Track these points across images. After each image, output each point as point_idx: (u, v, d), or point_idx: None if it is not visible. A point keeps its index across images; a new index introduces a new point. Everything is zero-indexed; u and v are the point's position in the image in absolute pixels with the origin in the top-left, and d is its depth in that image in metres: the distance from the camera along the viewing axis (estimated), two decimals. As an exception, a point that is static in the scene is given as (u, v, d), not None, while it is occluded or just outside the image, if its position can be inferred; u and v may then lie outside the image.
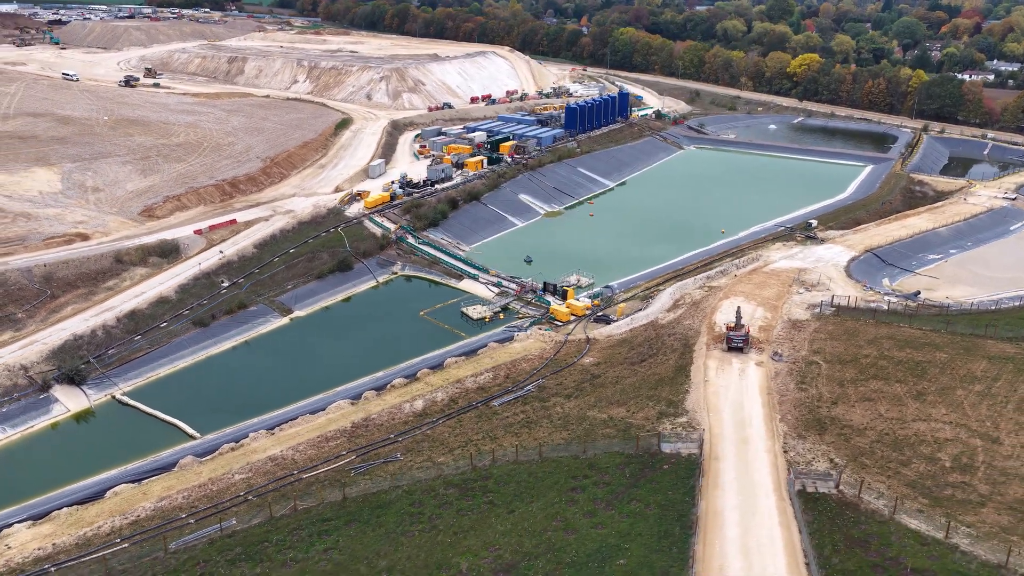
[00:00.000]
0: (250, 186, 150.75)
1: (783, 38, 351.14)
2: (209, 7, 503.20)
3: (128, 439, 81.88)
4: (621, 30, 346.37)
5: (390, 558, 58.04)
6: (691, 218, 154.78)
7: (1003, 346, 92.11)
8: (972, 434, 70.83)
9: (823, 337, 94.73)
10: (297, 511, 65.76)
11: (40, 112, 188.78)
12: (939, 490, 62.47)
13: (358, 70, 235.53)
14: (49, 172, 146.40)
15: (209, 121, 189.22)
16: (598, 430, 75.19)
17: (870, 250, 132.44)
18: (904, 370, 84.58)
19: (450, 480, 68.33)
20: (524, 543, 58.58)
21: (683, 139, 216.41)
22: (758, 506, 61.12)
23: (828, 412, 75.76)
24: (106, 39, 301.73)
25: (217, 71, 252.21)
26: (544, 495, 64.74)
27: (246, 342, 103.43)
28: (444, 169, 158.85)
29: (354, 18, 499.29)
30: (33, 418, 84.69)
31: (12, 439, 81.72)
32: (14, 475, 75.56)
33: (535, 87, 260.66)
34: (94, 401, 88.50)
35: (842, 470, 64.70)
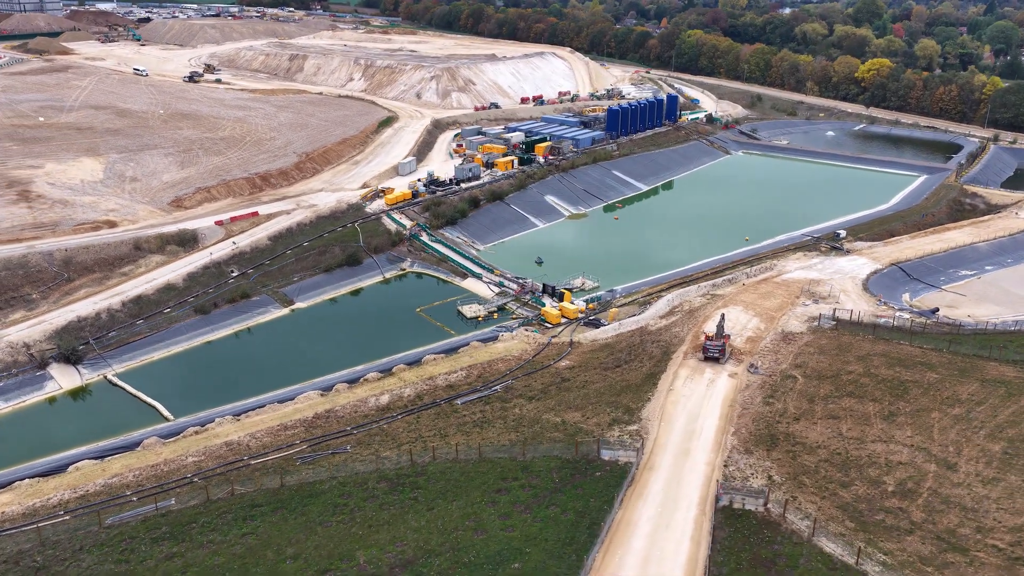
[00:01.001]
0: (281, 180, 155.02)
1: (863, 42, 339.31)
2: (294, 6, 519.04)
3: (108, 417, 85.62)
4: (688, 32, 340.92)
5: (300, 546, 59.15)
6: (717, 224, 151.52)
7: (1004, 369, 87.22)
8: (929, 459, 67.43)
9: (812, 351, 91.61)
10: (233, 495, 67.58)
11: (103, 105, 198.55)
12: (870, 514, 59.77)
13: (411, 69, 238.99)
14: (95, 162, 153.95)
15: (258, 116, 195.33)
16: (547, 433, 74.72)
17: (896, 263, 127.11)
18: (885, 389, 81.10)
19: (385, 474, 69.06)
20: (431, 540, 58.84)
21: (731, 144, 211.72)
22: (674, 519, 59.78)
23: (786, 428, 73.33)
24: (183, 36, 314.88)
25: (278, 68, 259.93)
26: (468, 495, 64.81)
27: (243, 331, 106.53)
28: (472, 168, 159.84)
29: (432, 18, 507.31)
30: (26, 393, 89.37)
31: (3, 412, 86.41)
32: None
33: (590, 88, 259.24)
34: (86, 380, 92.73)
35: (768, 489, 62.53)
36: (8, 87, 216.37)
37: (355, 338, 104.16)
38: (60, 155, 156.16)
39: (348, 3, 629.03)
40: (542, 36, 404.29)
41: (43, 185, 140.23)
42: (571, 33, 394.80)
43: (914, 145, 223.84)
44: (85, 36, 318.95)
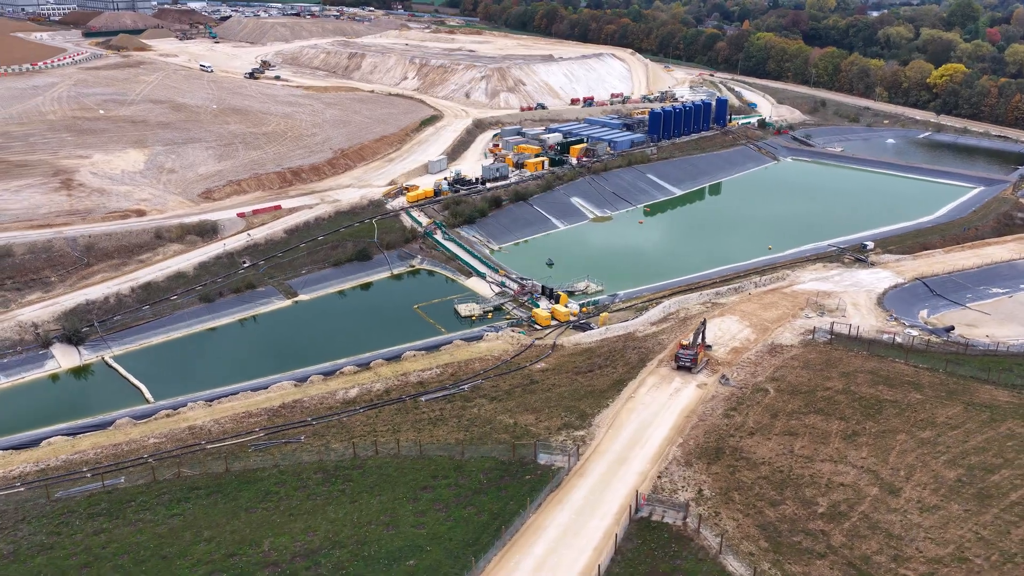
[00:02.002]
0: (312, 175, 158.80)
1: (948, 47, 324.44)
2: (375, 6, 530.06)
3: (94, 396, 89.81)
4: (757, 35, 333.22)
5: (218, 530, 60.82)
6: (744, 231, 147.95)
7: (998, 393, 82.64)
8: (875, 482, 64.50)
9: (796, 365, 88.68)
10: (179, 477, 69.93)
11: (161, 100, 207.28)
12: (789, 535, 57.62)
13: (463, 68, 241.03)
14: (139, 153, 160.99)
15: (304, 113, 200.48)
16: (494, 435, 74.65)
17: (921, 278, 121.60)
18: (858, 407, 77.92)
19: (325, 466, 70.28)
20: (341, 532, 59.67)
21: (781, 150, 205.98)
22: (587, 527, 58.94)
23: (737, 442, 71.28)
24: (255, 34, 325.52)
25: (337, 66, 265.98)
26: (394, 490, 65.39)
27: (244, 320, 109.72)
28: (499, 168, 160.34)
29: (508, 18, 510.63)
30: (27, 370, 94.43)
31: (3, 386, 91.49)
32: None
33: (645, 91, 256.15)
34: (85, 360, 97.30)
35: (688, 503, 60.92)
36: (81, 81, 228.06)
37: (348, 332, 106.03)
38: (109, 146, 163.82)
39: (432, 3, 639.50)
40: (613, 37, 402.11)
41: (86, 174, 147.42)
42: (641, 35, 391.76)
43: (981, 155, 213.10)
44: (166, 33, 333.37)
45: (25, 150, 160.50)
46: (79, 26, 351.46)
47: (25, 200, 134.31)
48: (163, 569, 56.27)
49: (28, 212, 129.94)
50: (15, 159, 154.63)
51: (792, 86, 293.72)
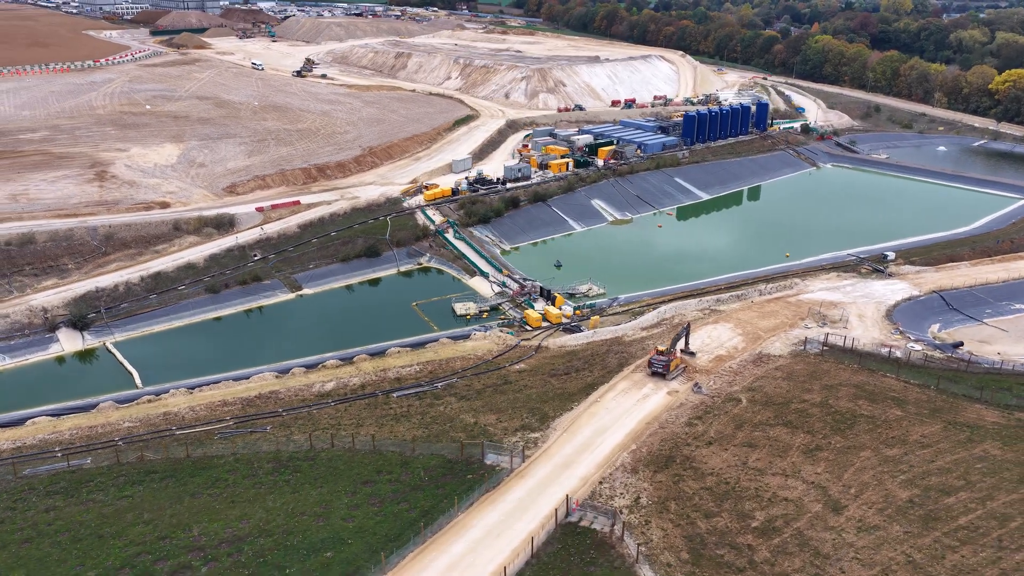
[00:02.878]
0: (337, 172, 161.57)
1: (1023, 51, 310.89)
2: (439, 6, 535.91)
3: (89, 380, 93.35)
4: (815, 38, 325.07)
5: (158, 513, 62.68)
6: (765, 237, 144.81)
7: (986, 412, 79.16)
8: (821, 498, 62.53)
9: (778, 376, 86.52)
10: (142, 460, 72.22)
11: (207, 96, 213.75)
12: (713, 548, 56.36)
13: (505, 69, 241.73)
14: (175, 147, 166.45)
15: (342, 111, 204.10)
16: (451, 433, 74.95)
17: (939, 291, 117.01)
18: (829, 422, 75.63)
19: (280, 456, 71.64)
20: (273, 521, 60.82)
21: (822, 156, 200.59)
22: (510, 529, 58.79)
23: (691, 452, 70.01)
24: (311, 34, 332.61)
25: (384, 65, 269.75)
26: (337, 483, 66.30)
27: (247, 311, 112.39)
28: (521, 168, 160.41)
29: (570, 19, 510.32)
30: (31, 352, 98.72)
31: (6, 366, 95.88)
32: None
33: (691, 93, 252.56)
34: (87, 345, 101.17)
35: (617, 510, 60.10)
36: (136, 77, 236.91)
37: (343, 326, 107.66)
38: (148, 140, 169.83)
39: (499, 3, 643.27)
40: (671, 39, 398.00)
41: (121, 167, 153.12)
42: (699, 37, 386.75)
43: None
44: (227, 32, 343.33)
45: (69, 142, 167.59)
46: (148, 25, 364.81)
47: (59, 190, 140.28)
48: (96, 548, 58.24)
49: (60, 202, 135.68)
50: (58, 151, 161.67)
51: (848, 90, 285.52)
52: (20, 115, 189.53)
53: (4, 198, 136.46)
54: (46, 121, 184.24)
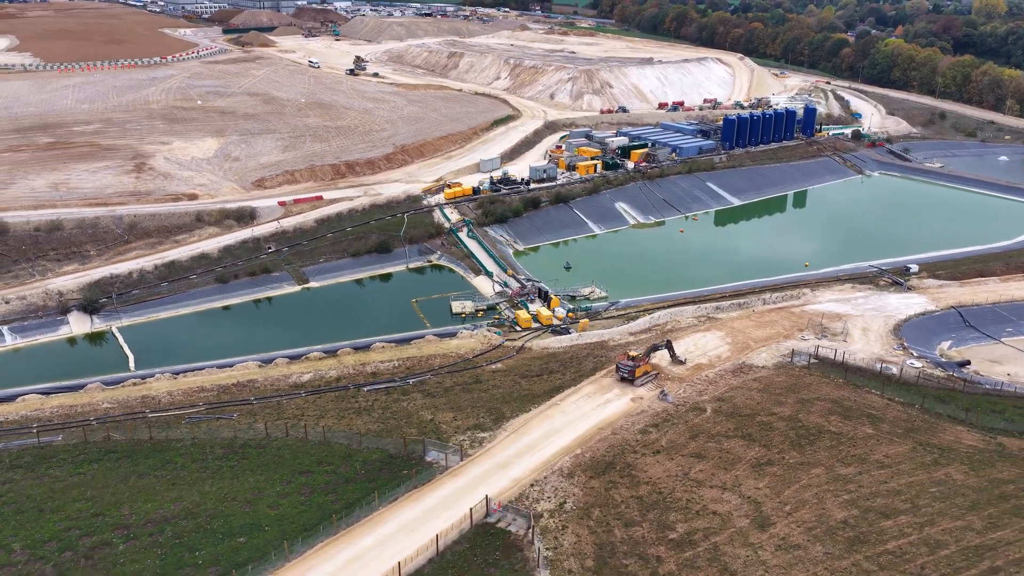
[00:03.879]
0: (366, 169, 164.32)
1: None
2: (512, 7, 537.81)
3: (88, 361, 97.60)
4: (885, 41, 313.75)
5: (102, 491, 65.28)
6: (789, 246, 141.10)
7: (966, 435, 75.67)
8: (751, 514, 60.86)
9: (754, 387, 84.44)
10: (108, 440, 75.19)
11: (257, 93, 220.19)
12: (620, 558, 55.53)
13: (553, 70, 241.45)
14: (214, 142, 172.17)
15: (384, 109, 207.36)
16: (404, 428, 75.70)
17: (958, 307, 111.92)
18: (791, 436, 73.55)
19: (234, 443, 73.59)
20: (202, 504, 62.68)
21: (870, 163, 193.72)
22: (425, 526, 59.19)
23: (635, 459, 69.05)
24: (372, 33, 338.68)
25: (437, 65, 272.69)
26: (276, 471, 67.81)
27: (252, 302, 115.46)
28: (547, 169, 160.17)
29: (641, 20, 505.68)
30: (42, 333, 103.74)
31: (17, 346, 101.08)
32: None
33: (744, 97, 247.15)
34: (95, 329, 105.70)
35: (533, 513, 59.66)
36: (197, 73, 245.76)
37: (338, 319, 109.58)
38: (191, 134, 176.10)
39: (575, 4, 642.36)
40: (738, 42, 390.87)
41: (160, 159, 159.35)
42: (767, 39, 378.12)
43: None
44: (294, 31, 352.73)
45: (118, 135, 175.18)
46: (222, 23, 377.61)
47: (98, 180, 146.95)
48: (33, 521, 61.03)
49: (96, 191, 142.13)
50: (106, 143, 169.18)
51: (915, 96, 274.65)
52: (80, 108, 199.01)
53: (46, 186, 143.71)
54: (102, 114, 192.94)
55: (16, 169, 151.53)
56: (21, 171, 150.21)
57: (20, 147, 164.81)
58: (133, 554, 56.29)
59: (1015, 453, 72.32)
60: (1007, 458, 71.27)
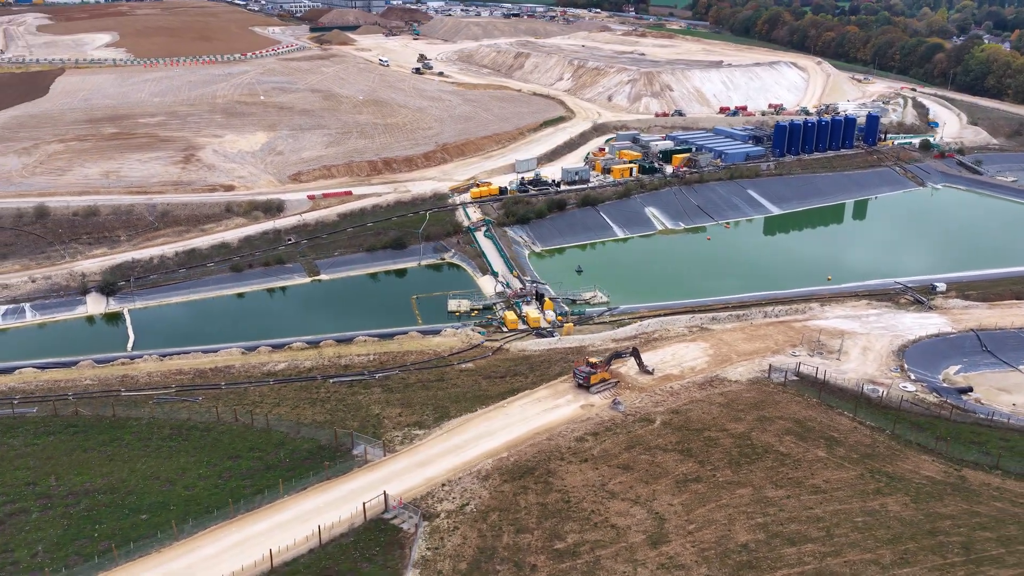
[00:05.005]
0: (402, 166, 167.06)
1: None
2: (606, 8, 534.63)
3: (94, 339, 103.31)
4: (980, 47, 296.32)
5: (44, 462, 69.26)
6: (815, 258, 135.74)
7: (929, 465, 71.69)
8: (650, 530, 59.36)
9: (717, 401, 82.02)
10: (76, 415, 79.45)
11: (320, 89, 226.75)
12: (495, 563, 55.18)
13: (615, 72, 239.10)
14: (264, 136, 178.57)
15: (437, 108, 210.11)
16: (347, 420, 77.04)
17: (978, 329, 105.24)
18: (734, 454, 71.30)
19: (184, 424, 76.62)
20: (126, 481, 65.72)
21: (935, 175, 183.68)
22: (319, 517, 60.32)
23: (557, 466, 68.37)
24: (449, 32, 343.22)
25: (502, 65, 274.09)
26: (209, 454, 70.36)
27: (262, 291, 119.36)
28: (579, 172, 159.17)
29: (734, 23, 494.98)
30: (59, 311, 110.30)
31: (35, 321, 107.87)
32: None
33: (815, 102, 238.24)
34: (109, 310, 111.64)
35: (423, 513, 59.77)
36: (270, 70, 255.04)
37: (336, 311, 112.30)
38: (244, 128, 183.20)
39: (674, 5, 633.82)
40: (829, 45, 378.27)
41: (209, 152, 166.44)
42: (859, 43, 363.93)
43: None
44: (376, 30, 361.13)
45: (177, 127, 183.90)
46: (311, 22, 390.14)
47: (146, 170, 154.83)
48: (-27, 485, 65.23)
49: (142, 180, 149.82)
50: (164, 135, 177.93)
51: (1006, 105, 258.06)
52: (151, 101, 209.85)
53: (98, 174, 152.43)
54: (169, 107, 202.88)
55: (76, 157, 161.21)
56: (80, 159, 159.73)
57: (86, 136, 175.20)
58: (42, 523, 59.53)
59: (973, 488, 67.78)
60: (961, 492, 66.85)
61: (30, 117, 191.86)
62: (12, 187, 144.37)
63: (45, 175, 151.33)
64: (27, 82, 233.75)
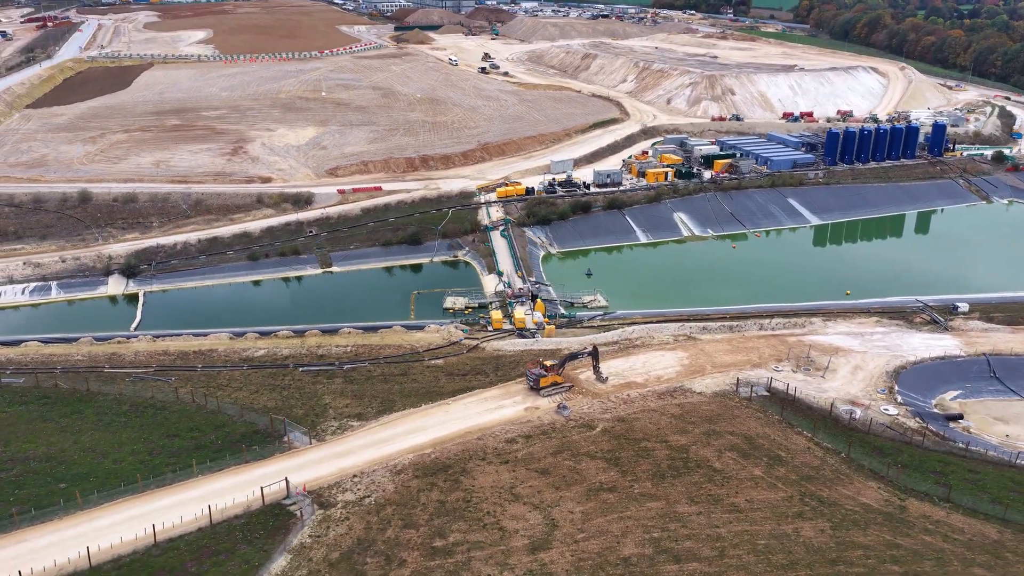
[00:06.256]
0: (440, 164, 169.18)
1: None
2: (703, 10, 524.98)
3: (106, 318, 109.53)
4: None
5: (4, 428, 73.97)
6: (839, 271, 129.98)
7: (868, 493, 68.27)
8: (537, 536, 58.89)
9: (670, 412, 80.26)
10: (56, 388, 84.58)
11: (381, 87, 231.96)
12: (367, 555, 55.86)
13: (678, 74, 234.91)
14: (313, 131, 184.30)
15: (490, 107, 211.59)
16: (295, 408, 79.13)
17: (993, 354, 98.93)
18: (662, 467, 70.01)
19: (144, 402, 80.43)
20: (67, 451, 69.83)
21: (1003, 189, 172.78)
22: (222, 498, 62.31)
23: (474, 466, 68.61)
24: (526, 33, 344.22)
25: (570, 66, 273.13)
26: (152, 431, 73.85)
27: (273, 280, 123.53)
28: (611, 175, 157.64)
29: (833, 26, 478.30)
30: (82, 290, 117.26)
31: (59, 299, 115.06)
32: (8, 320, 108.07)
33: (890, 109, 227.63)
34: (127, 291, 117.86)
35: (314, 503, 60.93)
36: (340, 67, 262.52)
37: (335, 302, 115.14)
38: (297, 123, 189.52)
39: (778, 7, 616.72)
40: (928, 50, 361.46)
41: (257, 145, 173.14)
42: (959, 49, 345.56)
43: None
44: (457, 30, 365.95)
45: (235, 121, 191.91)
46: (399, 21, 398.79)
47: (194, 160, 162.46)
48: (-72, 447, 70.45)
49: (187, 170, 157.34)
50: (220, 127, 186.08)
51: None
52: (219, 95, 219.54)
53: (149, 163, 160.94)
54: (234, 102, 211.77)
55: (135, 147, 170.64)
56: (137, 148, 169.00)
57: (149, 127, 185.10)
58: (-29, 484, 63.83)
59: (908, 519, 64.01)
60: (892, 522, 63.25)
61: (106, 108, 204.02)
62: (70, 172, 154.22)
63: (102, 162, 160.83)
64: (116, 76, 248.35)
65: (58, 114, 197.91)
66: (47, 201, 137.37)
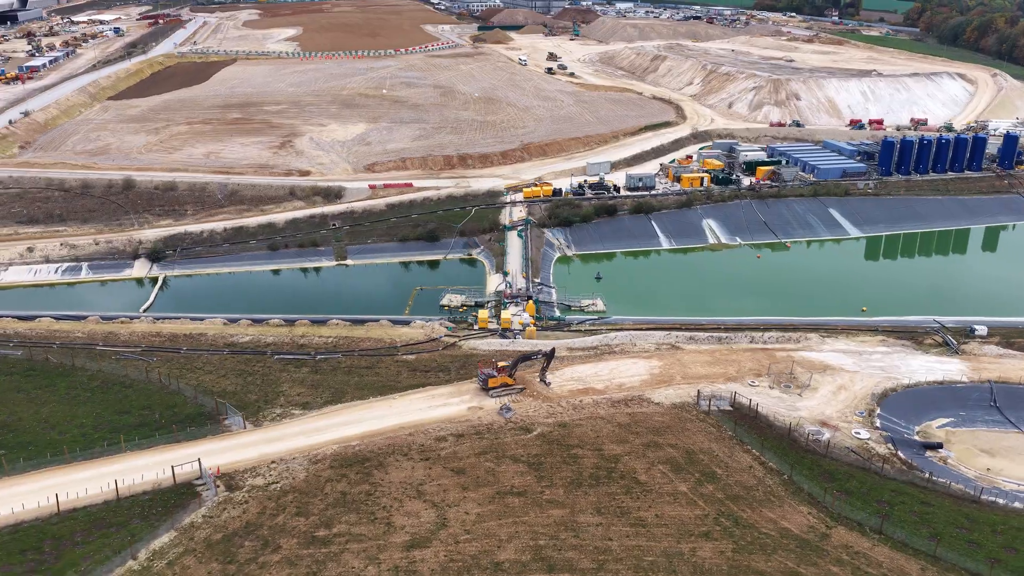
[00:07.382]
0: (478, 162, 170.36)
1: None
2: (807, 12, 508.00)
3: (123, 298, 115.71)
4: None
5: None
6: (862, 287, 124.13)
7: (795, 517, 65.52)
8: (421, 534, 59.32)
9: (617, 420, 79.16)
10: (47, 361, 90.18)
11: (443, 85, 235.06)
12: (248, 538, 57.37)
13: (744, 78, 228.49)
14: (363, 127, 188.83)
15: (545, 107, 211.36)
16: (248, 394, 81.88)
17: (999, 382, 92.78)
18: (583, 475, 69.25)
19: (115, 379, 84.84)
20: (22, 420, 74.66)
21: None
22: (138, 474, 65.05)
23: (393, 460, 69.52)
24: (606, 34, 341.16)
25: (638, 68, 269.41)
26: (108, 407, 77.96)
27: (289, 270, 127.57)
28: (643, 178, 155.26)
29: (942, 31, 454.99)
30: (108, 272, 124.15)
31: (88, 279, 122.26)
32: (28, 297, 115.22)
33: (972, 119, 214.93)
34: (150, 274, 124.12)
35: (217, 486, 62.83)
36: (409, 66, 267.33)
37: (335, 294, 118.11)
38: (350, 119, 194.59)
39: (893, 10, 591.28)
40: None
41: (305, 139, 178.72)
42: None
43: None
44: (537, 30, 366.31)
45: (292, 115, 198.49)
46: (485, 20, 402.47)
47: (243, 152, 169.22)
48: (-89, 407, 76.41)
49: (233, 162, 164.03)
50: (276, 122, 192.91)
51: None
52: (286, 91, 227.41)
53: (201, 154, 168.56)
54: (297, 97, 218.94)
55: (193, 138, 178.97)
56: (194, 140, 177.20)
57: (211, 120, 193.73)
58: (-79, 445, 68.93)
59: (826, 547, 60.98)
60: (805, 549, 60.41)
61: (177, 101, 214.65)
62: (126, 160, 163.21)
63: (158, 152, 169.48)
64: (198, 71, 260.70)
65: (134, 106, 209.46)
66: (94, 187, 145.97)
